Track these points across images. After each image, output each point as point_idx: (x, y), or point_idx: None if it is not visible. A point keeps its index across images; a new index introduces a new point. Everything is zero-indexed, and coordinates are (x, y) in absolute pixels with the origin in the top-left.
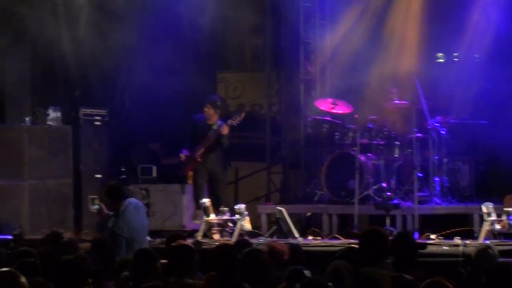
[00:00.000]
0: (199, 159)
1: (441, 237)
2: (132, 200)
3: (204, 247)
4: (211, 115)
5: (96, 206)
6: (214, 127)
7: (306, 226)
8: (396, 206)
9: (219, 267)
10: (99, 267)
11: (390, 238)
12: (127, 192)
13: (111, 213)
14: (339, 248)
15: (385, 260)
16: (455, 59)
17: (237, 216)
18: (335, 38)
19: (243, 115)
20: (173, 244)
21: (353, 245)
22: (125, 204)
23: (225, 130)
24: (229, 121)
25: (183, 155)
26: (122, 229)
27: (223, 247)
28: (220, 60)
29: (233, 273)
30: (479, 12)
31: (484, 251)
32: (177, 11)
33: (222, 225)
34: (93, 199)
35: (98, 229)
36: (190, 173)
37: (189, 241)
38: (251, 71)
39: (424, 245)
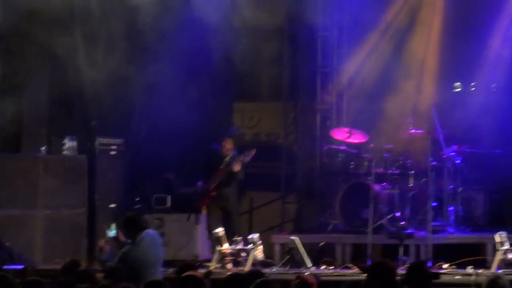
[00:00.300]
0: (212, 194)
1: (453, 267)
2: (150, 231)
3: (216, 277)
4: (229, 149)
5: (113, 232)
6: (227, 158)
7: (320, 255)
8: (410, 236)
9: None
10: None
11: (404, 267)
12: (145, 223)
13: (129, 240)
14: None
15: None
16: (472, 89)
17: (250, 246)
18: (352, 68)
19: (253, 152)
20: (182, 275)
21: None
22: (142, 235)
23: (236, 167)
24: (241, 158)
25: (200, 184)
26: (134, 258)
27: (234, 276)
28: (237, 90)
29: None
30: (496, 43)
31: (494, 281)
32: (195, 40)
33: (235, 255)
34: (110, 225)
35: (109, 257)
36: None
37: (200, 271)
38: (267, 101)
39: (438, 275)
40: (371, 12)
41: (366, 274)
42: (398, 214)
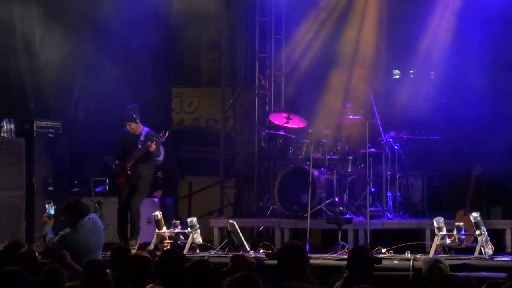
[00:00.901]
0: (128, 172)
1: (391, 252)
2: (92, 216)
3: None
4: (135, 128)
5: (52, 211)
6: (142, 137)
7: (259, 240)
8: (348, 221)
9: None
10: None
11: (342, 252)
12: (86, 209)
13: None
14: None
15: (305, 273)
16: (411, 76)
17: (189, 229)
18: (290, 53)
19: (168, 133)
20: (131, 254)
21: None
22: (82, 221)
23: (152, 147)
24: (155, 138)
25: (117, 163)
26: (74, 242)
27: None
28: (176, 75)
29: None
30: (434, 30)
31: (435, 264)
32: (134, 25)
33: (174, 238)
34: (49, 202)
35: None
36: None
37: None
38: (206, 86)
39: (380, 260)
40: None
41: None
42: (336, 199)
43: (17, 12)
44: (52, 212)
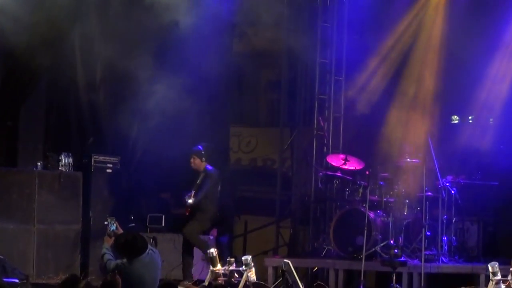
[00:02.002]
0: (187, 213)
1: None
2: (150, 252)
3: None
4: (198, 164)
5: (113, 227)
6: (198, 181)
7: (313, 280)
8: (403, 264)
9: None
10: None
11: None
12: (143, 246)
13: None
14: None
15: None
16: (469, 121)
17: (243, 267)
18: (349, 95)
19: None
20: None
21: None
22: (140, 256)
23: (188, 201)
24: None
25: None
26: (129, 275)
27: None
28: (234, 114)
29: None
30: (494, 77)
31: None
32: (195, 63)
33: (228, 275)
34: (111, 219)
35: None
36: None
37: None
38: (265, 126)
39: None
40: (369, 40)
41: None
42: (391, 242)
43: (78, 48)
44: (114, 228)
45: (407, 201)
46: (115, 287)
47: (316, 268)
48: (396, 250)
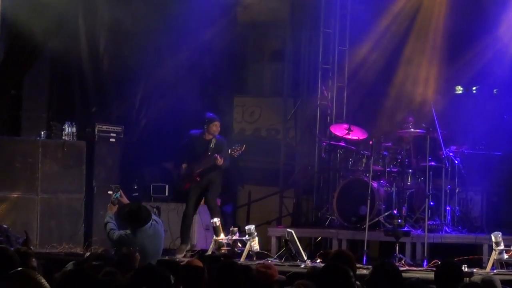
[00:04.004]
0: (197, 179)
1: None
2: (154, 223)
3: None
4: (217, 130)
5: (118, 195)
6: (212, 145)
7: (316, 250)
8: (406, 234)
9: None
10: None
11: (400, 264)
12: (147, 217)
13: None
14: None
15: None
16: (473, 92)
17: (246, 237)
18: (353, 65)
19: (244, 147)
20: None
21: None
22: (144, 227)
23: (219, 161)
24: (230, 151)
25: (184, 166)
26: (130, 244)
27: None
28: (238, 84)
29: None
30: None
31: (488, 282)
32: (198, 33)
33: (232, 245)
34: (115, 187)
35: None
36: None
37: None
38: (269, 96)
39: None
40: (373, 10)
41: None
42: (395, 212)
43: (82, 18)
44: (118, 195)
45: (410, 171)
46: (132, 261)
47: (320, 238)
48: (399, 220)
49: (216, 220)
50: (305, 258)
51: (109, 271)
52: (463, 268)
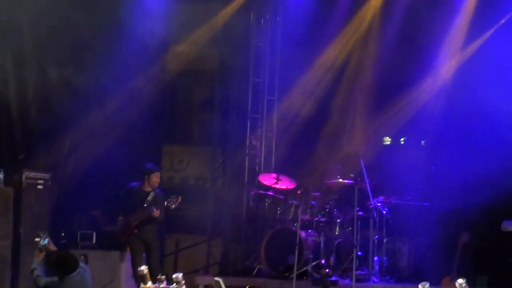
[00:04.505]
0: (134, 231)
1: None
2: (81, 270)
3: None
4: (156, 182)
5: (45, 242)
6: (149, 198)
7: None
8: (334, 283)
9: None
10: None
11: None
12: (75, 265)
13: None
14: None
15: None
16: (401, 143)
17: (174, 285)
18: (282, 114)
19: (180, 199)
20: None
21: None
22: (71, 275)
23: (156, 213)
24: (166, 203)
25: (121, 219)
26: None
27: None
28: (167, 133)
29: None
30: (426, 99)
31: None
32: (126, 79)
33: None
34: (43, 233)
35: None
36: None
37: None
38: (197, 145)
39: None
40: (302, 61)
41: None
42: (323, 261)
43: (11, 64)
44: (46, 242)
45: (338, 220)
46: None
47: (248, 287)
48: (327, 270)
49: (144, 268)
50: None
51: None
52: None
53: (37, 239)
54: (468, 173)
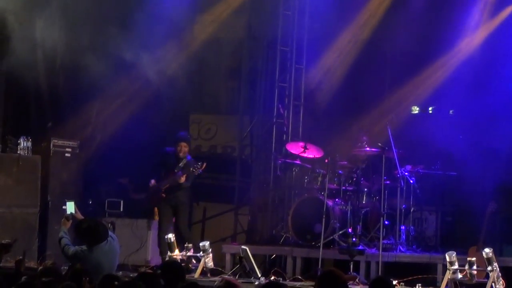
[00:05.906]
0: (163, 195)
1: (403, 284)
2: (110, 239)
3: None
4: (186, 151)
5: (72, 210)
6: (181, 164)
7: (270, 267)
8: (361, 252)
9: None
10: None
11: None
12: (104, 234)
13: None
14: None
15: None
16: (429, 112)
17: (201, 253)
18: (310, 83)
19: (204, 165)
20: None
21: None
22: (100, 244)
23: (182, 179)
24: (191, 169)
25: (153, 182)
26: (87, 262)
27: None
28: (194, 101)
29: None
30: (455, 68)
31: None
32: (154, 49)
33: (186, 261)
34: (70, 202)
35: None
36: (156, 210)
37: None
38: (225, 114)
39: None
40: (330, 30)
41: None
42: (350, 230)
43: (39, 31)
44: (72, 211)
45: (365, 189)
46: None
47: (274, 255)
48: (354, 239)
49: (171, 236)
50: (259, 275)
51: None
52: (417, 287)
53: (64, 207)
54: (496, 142)
